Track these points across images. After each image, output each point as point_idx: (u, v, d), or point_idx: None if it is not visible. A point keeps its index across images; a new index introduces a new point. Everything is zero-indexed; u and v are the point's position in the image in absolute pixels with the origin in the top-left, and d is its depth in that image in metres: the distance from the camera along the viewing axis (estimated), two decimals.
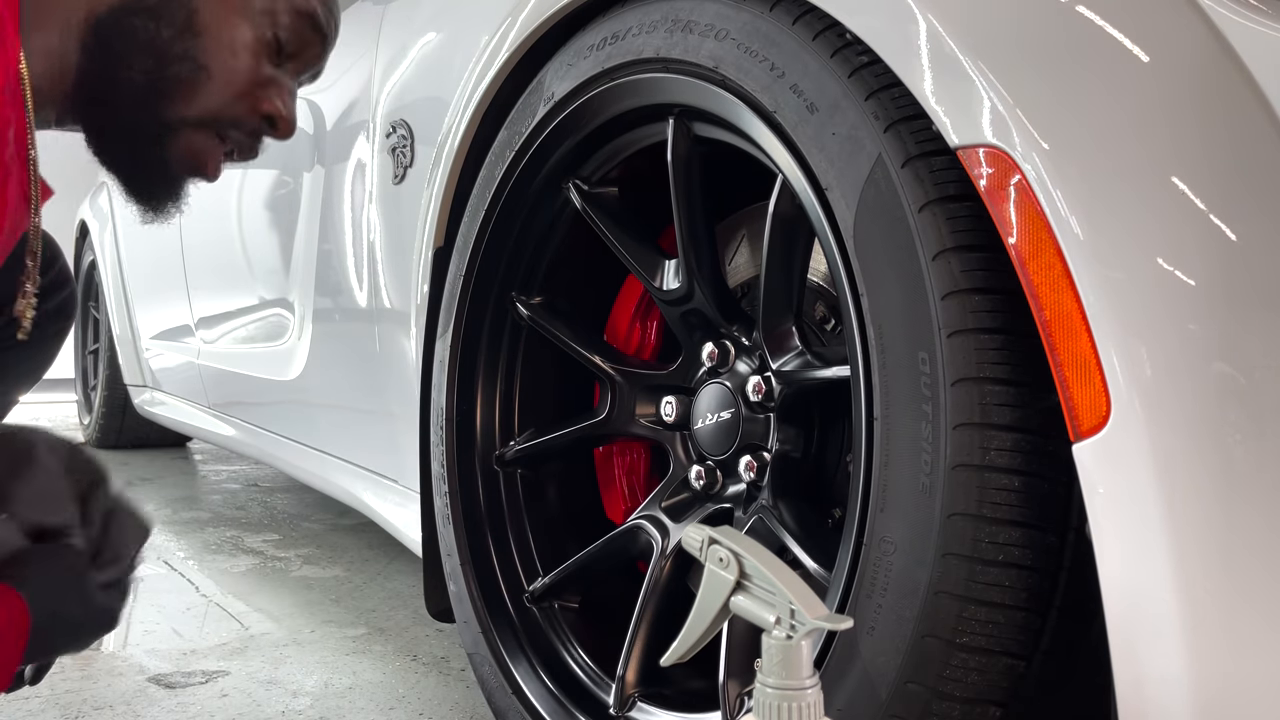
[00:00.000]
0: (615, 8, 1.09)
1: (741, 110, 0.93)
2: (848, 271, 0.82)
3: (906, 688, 0.77)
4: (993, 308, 0.74)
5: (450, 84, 1.37)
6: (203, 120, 1.00)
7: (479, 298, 1.29)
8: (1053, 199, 0.69)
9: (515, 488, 1.32)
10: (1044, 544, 0.75)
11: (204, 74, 0.98)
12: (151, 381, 3.26)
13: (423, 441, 1.38)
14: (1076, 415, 0.68)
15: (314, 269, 1.89)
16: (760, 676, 0.63)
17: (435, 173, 1.38)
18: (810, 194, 0.86)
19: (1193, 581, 0.65)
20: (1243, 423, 0.64)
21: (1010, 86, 0.71)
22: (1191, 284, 0.65)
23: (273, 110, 1.03)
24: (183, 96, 0.98)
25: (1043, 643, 0.77)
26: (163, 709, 1.45)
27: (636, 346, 1.35)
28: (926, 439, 0.76)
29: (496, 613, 1.25)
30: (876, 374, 0.80)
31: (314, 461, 2.03)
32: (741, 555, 0.66)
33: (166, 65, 0.96)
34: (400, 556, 2.32)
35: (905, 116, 0.79)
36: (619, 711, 1.11)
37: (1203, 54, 0.67)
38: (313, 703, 1.48)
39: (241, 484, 3.26)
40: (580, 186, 1.20)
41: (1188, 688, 0.66)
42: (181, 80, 0.97)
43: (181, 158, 1.01)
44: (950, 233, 0.75)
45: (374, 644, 1.74)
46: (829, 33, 0.85)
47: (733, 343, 1.12)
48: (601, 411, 1.25)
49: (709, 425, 1.12)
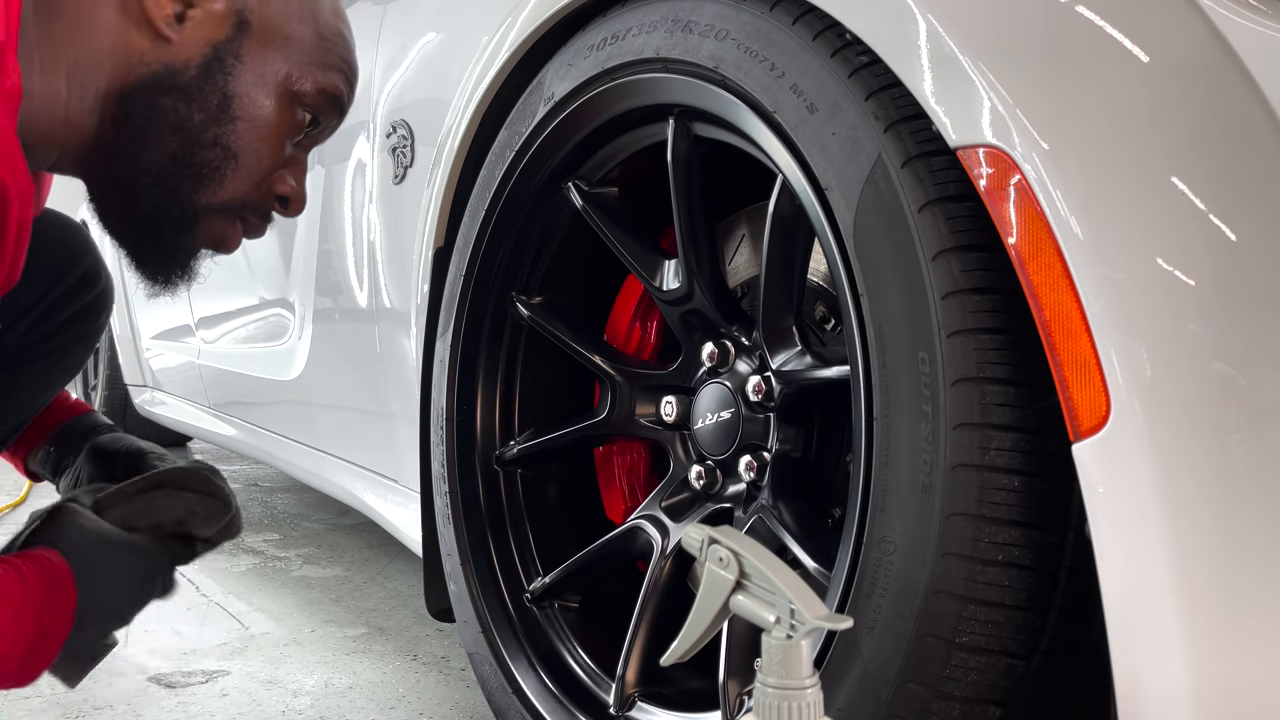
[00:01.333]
0: (615, 8, 1.09)
1: (741, 110, 0.93)
2: (848, 271, 0.82)
3: (906, 687, 0.77)
4: (993, 308, 0.74)
5: (450, 84, 1.37)
6: (228, 207, 0.98)
7: (479, 298, 1.29)
8: (1052, 199, 0.69)
9: (515, 487, 1.32)
10: (1044, 544, 0.75)
11: (234, 162, 0.95)
12: (152, 381, 3.26)
13: (423, 441, 1.38)
14: (1076, 415, 0.68)
15: (314, 269, 1.89)
16: (760, 676, 0.63)
17: (435, 173, 1.38)
18: (810, 194, 0.86)
19: (1193, 581, 0.65)
20: (1243, 423, 0.64)
21: (1010, 86, 0.72)
22: (1191, 284, 0.65)
23: (288, 192, 1.01)
24: (211, 184, 0.95)
25: (1043, 642, 0.77)
26: (163, 708, 1.45)
27: (636, 346, 1.35)
28: (926, 439, 0.76)
29: (496, 612, 1.25)
30: (876, 374, 0.80)
31: (314, 461, 2.03)
32: (741, 555, 0.66)
33: (196, 151, 0.93)
34: (400, 556, 2.32)
35: (905, 116, 0.79)
36: (619, 711, 1.12)
37: (1202, 54, 0.67)
38: (313, 702, 1.48)
39: (242, 484, 3.25)
40: (580, 186, 1.20)
41: (1188, 688, 0.66)
42: (212, 167, 0.94)
43: (201, 241, 0.99)
44: (950, 233, 0.75)
45: (374, 644, 1.74)
46: (829, 33, 0.85)
47: (733, 343, 1.12)
48: (601, 411, 1.25)
49: (709, 425, 1.12)
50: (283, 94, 0.96)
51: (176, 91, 0.91)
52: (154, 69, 0.90)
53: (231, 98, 0.93)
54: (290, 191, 1.01)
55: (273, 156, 0.97)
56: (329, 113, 1.00)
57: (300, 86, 0.96)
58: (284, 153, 0.99)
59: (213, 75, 0.92)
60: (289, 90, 0.96)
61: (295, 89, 0.96)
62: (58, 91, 0.88)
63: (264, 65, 0.94)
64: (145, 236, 0.98)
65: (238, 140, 0.94)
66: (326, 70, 0.98)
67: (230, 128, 0.94)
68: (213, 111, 0.92)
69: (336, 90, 0.99)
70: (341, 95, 1.00)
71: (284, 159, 0.99)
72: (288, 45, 0.95)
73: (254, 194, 0.99)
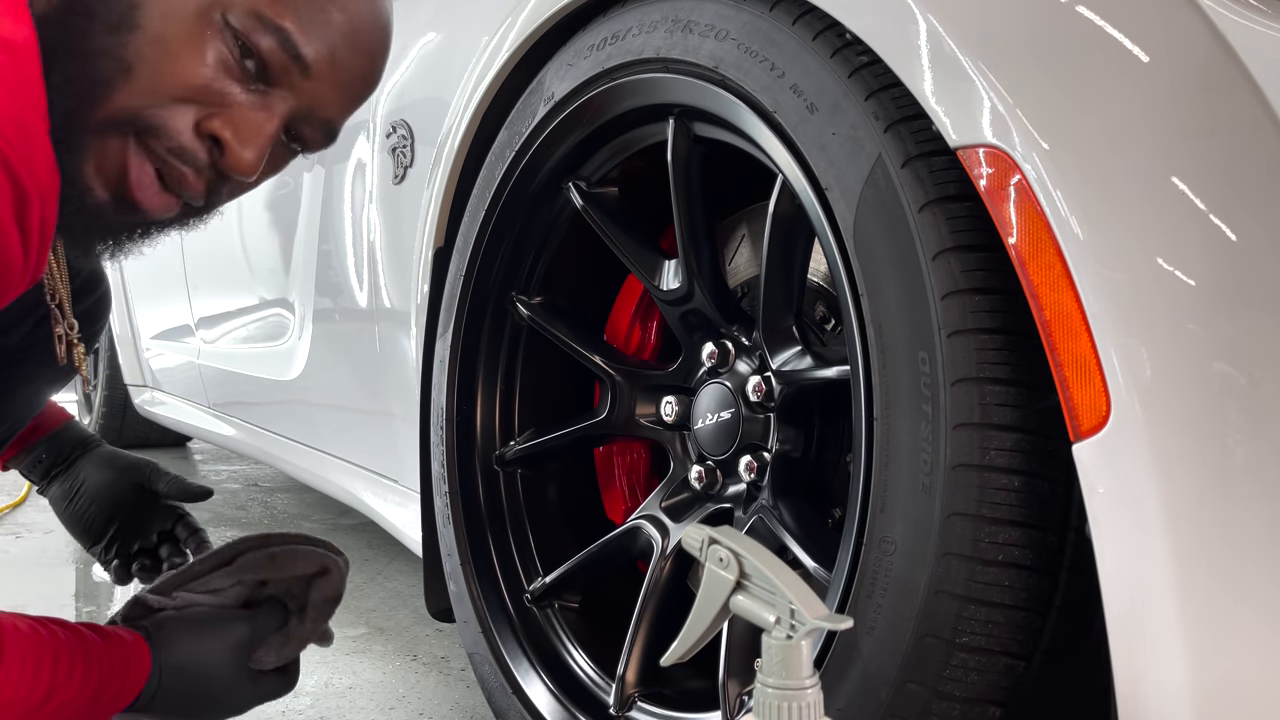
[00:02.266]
0: (615, 8, 1.09)
1: (741, 110, 0.93)
2: (848, 271, 0.82)
3: (906, 688, 0.77)
4: (993, 308, 0.74)
5: (450, 84, 1.37)
6: (113, 120, 0.82)
7: (479, 298, 1.29)
8: (1053, 199, 0.69)
9: (515, 488, 1.32)
10: (1044, 544, 0.75)
11: (125, 74, 0.81)
12: (151, 381, 3.26)
13: (423, 441, 1.38)
14: (1076, 415, 0.68)
15: (314, 269, 1.89)
16: (760, 676, 0.63)
17: (435, 173, 1.38)
18: (810, 194, 0.86)
19: (1192, 581, 0.65)
20: (1243, 423, 0.64)
21: (1010, 86, 0.71)
22: (1191, 284, 0.65)
23: (220, 132, 0.84)
24: (98, 97, 0.81)
25: (1043, 643, 0.77)
26: None
27: (636, 346, 1.35)
28: (926, 439, 0.76)
29: (496, 613, 1.25)
30: (876, 374, 0.80)
31: (314, 461, 2.03)
32: (741, 555, 0.66)
33: (87, 64, 0.81)
34: (400, 556, 2.32)
35: (905, 116, 0.79)
36: (619, 711, 1.11)
37: (1202, 54, 0.67)
38: (313, 703, 1.48)
39: (242, 484, 3.25)
40: (580, 186, 1.20)
41: (1188, 687, 0.66)
42: (98, 79, 0.81)
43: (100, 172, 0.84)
44: (950, 233, 0.75)
45: (374, 644, 1.74)
46: (829, 33, 0.85)
47: (733, 343, 1.12)
48: (601, 411, 1.25)
49: (709, 425, 1.12)
50: (204, 10, 0.82)
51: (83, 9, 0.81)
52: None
53: (136, 7, 0.81)
54: (224, 133, 0.84)
55: (181, 76, 0.82)
56: (280, 61, 0.85)
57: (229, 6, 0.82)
58: (202, 81, 0.83)
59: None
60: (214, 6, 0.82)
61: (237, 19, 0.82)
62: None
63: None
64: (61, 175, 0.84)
65: (133, 50, 0.81)
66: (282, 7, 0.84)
67: (127, 37, 0.81)
68: (112, 23, 0.81)
69: (277, 23, 0.83)
70: (286, 31, 0.84)
71: (209, 92, 0.84)
72: None
73: (151, 113, 0.83)
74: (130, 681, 0.93)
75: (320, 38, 0.86)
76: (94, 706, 0.89)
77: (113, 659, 0.91)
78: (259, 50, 0.84)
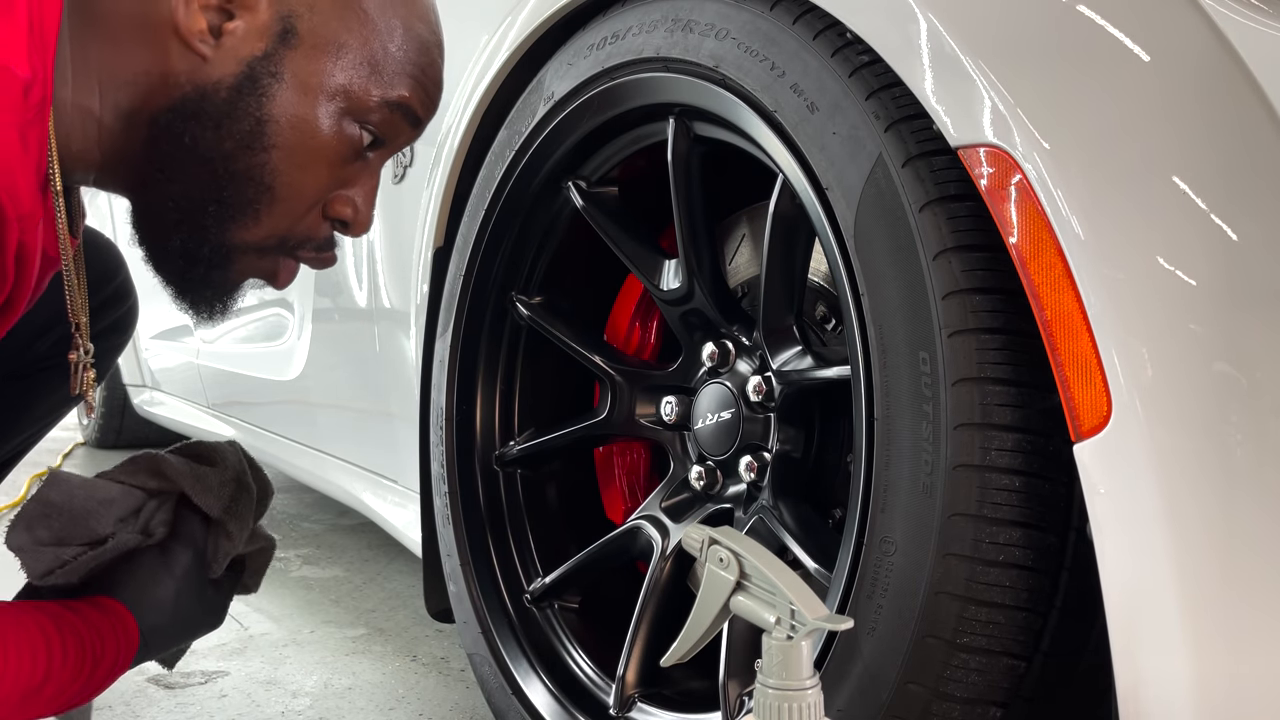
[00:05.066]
0: (615, 7, 1.09)
1: (742, 110, 0.93)
2: (848, 271, 0.82)
3: (907, 688, 0.77)
4: (993, 308, 0.74)
5: (450, 84, 1.37)
6: (265, 245, 0.87)
7: (479, 298, 1.28)
8: (1054, 199, 0.69)
9: (515, 488, 1.32)
10: (1045, 544, 0.75)
11: (268, 196, 0.84)
12: (151, 381, 3.26)
13: (422, 441, 1.38)
14: (1077, 415, 0.68)
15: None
16: (760, 677, 0.63)
17: (435, 172, 1.38)
18: (811, 194, 0.86)
19: (1193, 581, 0.65)
20: (1243, 423, 0.64)
21: (1011, 86, 0.71)
22: (1192, 284, 0.65)
23: (346, 215, 0.89)
24: (243, 221, 0.85)
25: (1043, 643, 0.77)
26: (162, 709, 1.45)
27: (636, 346, 1.35)
28: (927, 439, 0.75)
29: (496, 613, 1.25)
30: (877, 374, 0.79)
31: (313, 461, 2.03)
32: (741, 555, 0.66)
33: (225, 185, 0.83)
34: (400, 556, 2.32)
35: (906, 116, 0.78)
36: (619, 712, 1.11)
37: (1203, 54, 0.67)
38: (312, 703, 1.48)
39: None
40: (580, 186, 1.20)
41: (1188, 688, 0.66)
42: (243, 204, 0.84)
43: (240, 278, 0.90)
44: (951, 232, 0.75)
45: (374, 644, 1.74)
46: (829, 32, 0.85)
47: (733, 343, 1.12)
48: (601, 411, 1.25)
49: (709, 425, 1.12)
50: (333, 113, 0.85)
51: (205, 117, 0.82)
52: (185, 91, 0.82)
53: (265, 123, 0.82)
54: (349, 215, 0.90)
55: (318, 186, 0.87)
56: (396, 126, 0.89)
57: (356, 102, 0.85)
58: (335, 178, 0.88)
59: (244, 98, 0.82)
60: (341, 107, 0.85)
61: (349, 105, 0.85)
62: (90, 106, 0.82)
63: (310, 81, 0.83)
64: (174, 271, 0.88)
65: (272, 172, 0.84)
66: (392, 79, 0.87)
67: (263, 158, 0.83)
68: (243, 140, 0.82)
69: (402, 100, 0.87)
70: (408, 103, 0.88)
71: (337, 182, 0.88)
72: (341, 55, 0.84)
73: (298, 228, 0.88)
74: (124, 648, 0.93)
75: (422, 88, 0.90)
76: (92, 682, 0.90)
77: (102, 631, 0.91)
78: (380, 128, 0.88)
